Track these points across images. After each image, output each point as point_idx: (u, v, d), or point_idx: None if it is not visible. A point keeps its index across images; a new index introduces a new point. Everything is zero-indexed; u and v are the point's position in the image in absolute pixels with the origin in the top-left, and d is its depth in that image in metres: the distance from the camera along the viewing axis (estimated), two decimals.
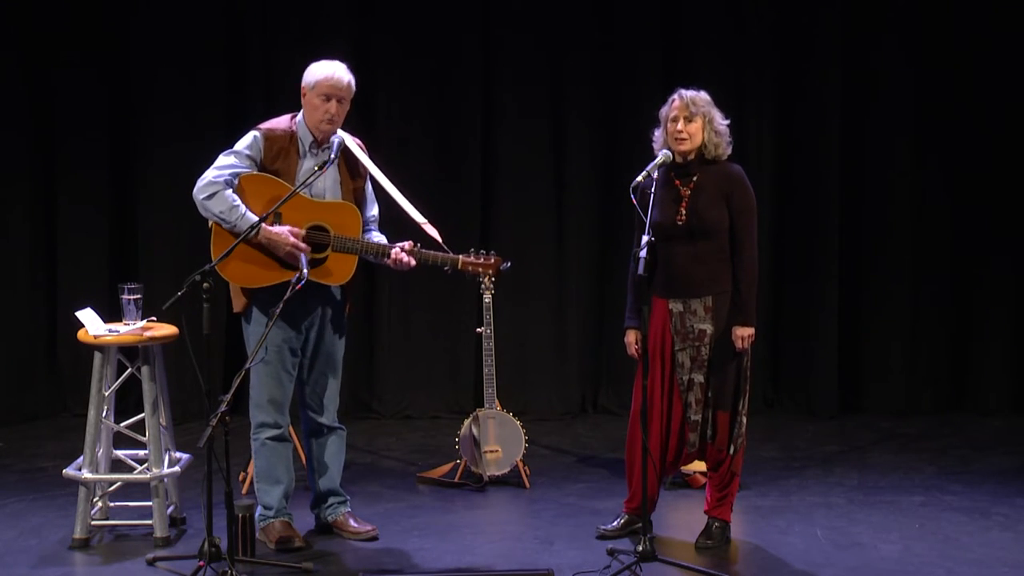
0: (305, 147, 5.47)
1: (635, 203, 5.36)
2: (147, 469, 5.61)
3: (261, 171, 5.40)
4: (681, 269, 5.45)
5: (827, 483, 6.54)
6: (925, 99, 7.92)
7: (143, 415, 5.61)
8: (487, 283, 6.48)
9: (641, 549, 5.19)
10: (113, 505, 5.88)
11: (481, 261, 5.65)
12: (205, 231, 5.41)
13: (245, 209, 5.29)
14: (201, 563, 5.08)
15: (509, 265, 5.74)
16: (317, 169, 5.31)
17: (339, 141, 5.46)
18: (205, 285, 5.00)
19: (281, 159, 5.42)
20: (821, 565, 5.36)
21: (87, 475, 5.57)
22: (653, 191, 5.43)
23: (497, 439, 6.47)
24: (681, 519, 5.90)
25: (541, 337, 8.03)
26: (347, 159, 5.54)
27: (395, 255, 5.45)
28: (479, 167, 7.95)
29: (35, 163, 7.86)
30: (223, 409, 4.86)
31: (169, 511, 5.69)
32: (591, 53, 7.93)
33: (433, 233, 5.60)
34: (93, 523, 5.65)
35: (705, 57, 7.87)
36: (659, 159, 5.44)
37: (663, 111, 5.52)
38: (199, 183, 5.32)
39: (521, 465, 6.51)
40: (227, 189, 5.31)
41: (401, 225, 5.72)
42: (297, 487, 5.70)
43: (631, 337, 5.59)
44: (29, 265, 7.89)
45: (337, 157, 5.39)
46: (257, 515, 5.54)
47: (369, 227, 5.61)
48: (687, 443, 5.53)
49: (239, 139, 5.46)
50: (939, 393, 8.07)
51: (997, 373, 8.05)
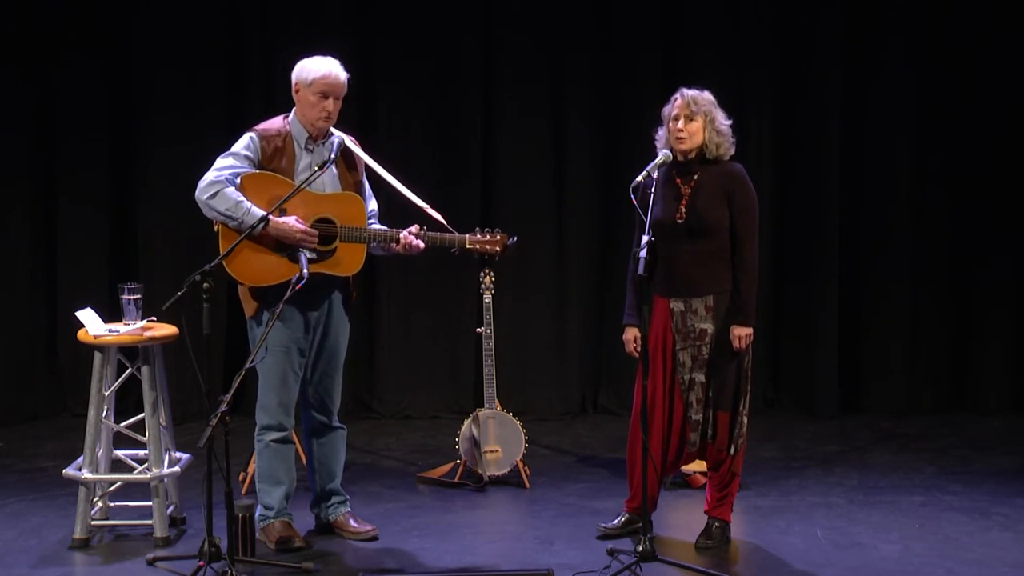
0: (301, 144, 5.46)
1: (635, 203, 5.36)
2: (147, 469, 5.61)
3: (260, 170, 5.41)
4: (682, 268, 5.45)
5: (827, 483, 6.54)
6: (925, 99, 7.92)
7: (143, 415, 5.61)
8: (487, 283, 6.49)
9: (641, 549, 5.19)
10: (113, 505, 5.88)
11: (488, 239, 5.63)
12: (205, 231, 5.41)
13: (250, 204, 5.28)
14: (201, 563, 5.08)
15: (516, 240, 5.70)
16: (318, 168, 5.31)
17: (339, 141, 5.46)
18: (205, 285, 5.00)
19: (278, 158, 5.42)
20: (821, 565, 5.36)
21: (87, 475, 5.56)
22: (653, 190, 5.43)
23: (497, 439, 6.47)
24: (681, 519, 5.90)
25: (541, 337, 8.02)
26: (344, 155, 5.53)
27: (404, 239, 5.46)
28: (479, 167, 7.95)
29: (35, 163, 7.86)
30: (223, 409, 4.86)
31: (169, 511, 5.68)
32: (591, 53, 7.92)
33: (437, 216, 5.59)
34: (93, 523, 5.64)
35: (705, 57, 7.86)
36: (659, 159, 5.43)
37: (665, 110, 5.52)
38: (200, 184, 5.31)
39: (521, 465, 6.50)
40: (229, 187, 5.30)
41: (403, 217, 5.71)
42: (297, 487, 5.69)
43: (630, 335, 5.59)
44: (29, 265, 7.89)
45: (337, 156, 5.39)
46: (257, 515, 5.54)
47: (370, 221, 5.60)
48: (688, 443, 5.52)
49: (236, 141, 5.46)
50: (939, 393, 8.07)
51: (997, 373, 8.04)
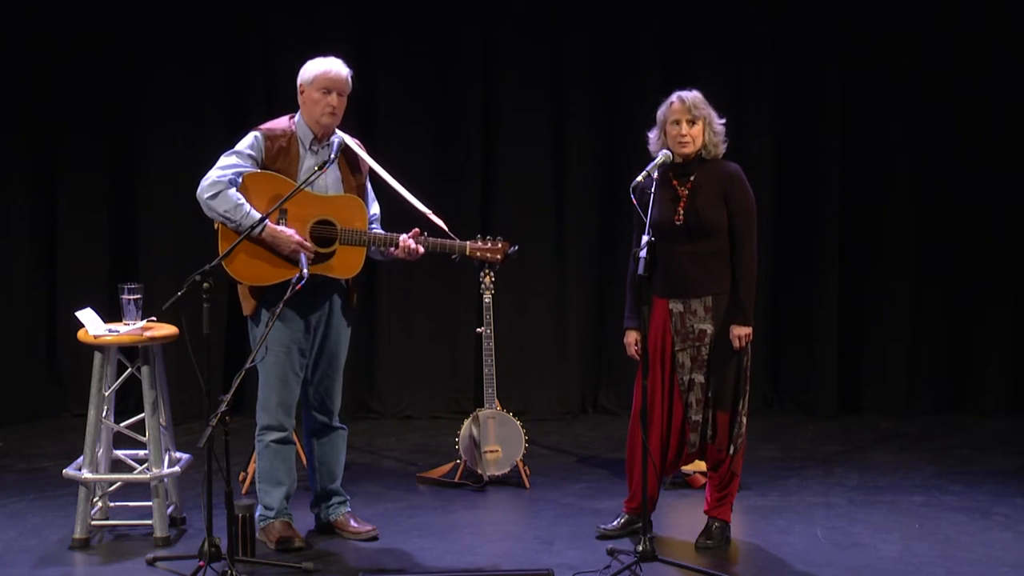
0: (305, 145, 5.46)
1: (635, 203, 5.37)
2: (147, 469, 5.60)
3: (263, 170, 5.41)
4: (681, 269, 5.45)
5: (827, 483, 6.53)
6: (925, 99, 7.91)
7: (143, 415, 5.60)
8: (487, 283, 6.49)
9: (641, 549, 5.19)
10: (113, 505, 5.87)
11: (489, 246, 5.64)
12: (205, 231, 5.41)
13: (249, 208, 5.29)
14: (201, 563, 5.08)
15: (517, 248, 5.72)
16: (318, 169, 5.31)
17: (339, 140, 5.47)
18: (205, 285, 5.00)
19: (282, 158, 5.42)
20: (821, 565, 5.35)
21: (87, 475, 5.56)
22: (652, 191, 5.43)
23: (497, 439, 6.47)
24: (681, 519, 5.90)
25: (541, 337, 8.02)
26: (347, 157, 5.54)
27: (403, 243, 5.45)
28: (479, 167, 7.95)
29: (35, 163, 7.86)
30: (223, 409, 4.85)
31: (169, 511, 5.68)
32: (591, 53, 7.93)
33: (439, 222, 5.59)
34: (93, 523, 5.64)
35: (705, 57, 7.87)
36: (659, 159, 5.43)
37: (661, 113, 5.50)
38: (203, 183, 5.31)
39: (521, 465, 6.50)
40: (231, 188, 5.30)
41: (405, 221, 5.71)
42: (297, 487, 5.69)
43: (631, 338, 5.59)
44: (29, 265, 7.89)
45: (338, 156, 5.39)
46: (257, 515, 5.54)
47: (371, 225, 5.60)
48: (687, 443, 5.52)
49: (239, 140, 5.46)
50: (939, 393, 8.07)
51: (997, 373, 8.04)
